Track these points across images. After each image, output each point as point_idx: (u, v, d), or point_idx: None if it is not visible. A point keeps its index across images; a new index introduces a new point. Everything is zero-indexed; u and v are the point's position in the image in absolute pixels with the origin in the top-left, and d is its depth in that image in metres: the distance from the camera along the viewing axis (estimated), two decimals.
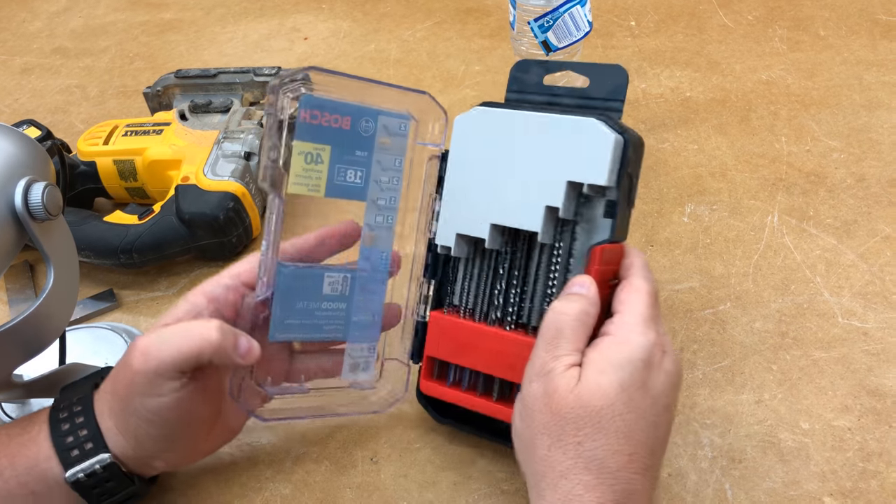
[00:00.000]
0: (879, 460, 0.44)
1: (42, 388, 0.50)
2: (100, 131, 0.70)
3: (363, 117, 0.45)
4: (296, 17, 1.01)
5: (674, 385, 0.39)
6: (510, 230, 0.45)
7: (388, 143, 0.46)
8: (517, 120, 0.44)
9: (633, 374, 0.37)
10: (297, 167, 0.43)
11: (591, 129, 0.41)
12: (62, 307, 0.46)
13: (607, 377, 0.36)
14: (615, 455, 0.36)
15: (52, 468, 0.42)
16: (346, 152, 0.44)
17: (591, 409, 0.36)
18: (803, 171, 0.65)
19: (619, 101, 0.45)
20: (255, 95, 0.73)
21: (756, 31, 0.84)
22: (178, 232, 0.62)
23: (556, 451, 0.36)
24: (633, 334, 0.38)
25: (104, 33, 1.05)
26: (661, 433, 0.38)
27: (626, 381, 0.36)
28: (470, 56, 0.88)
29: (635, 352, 0.37)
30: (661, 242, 0.60)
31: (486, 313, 0.46)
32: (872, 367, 0.49)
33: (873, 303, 0.53)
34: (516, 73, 0.49)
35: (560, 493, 0.36)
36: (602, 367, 0.37)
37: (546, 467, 0.37)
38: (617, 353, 0.37)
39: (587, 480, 0.35)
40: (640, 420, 0.36)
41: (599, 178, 0.41)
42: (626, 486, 0.36)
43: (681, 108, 0.74)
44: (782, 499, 0.43)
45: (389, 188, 0.46)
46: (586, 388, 0.36)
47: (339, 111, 0.43)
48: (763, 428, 0.47)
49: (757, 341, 0.52)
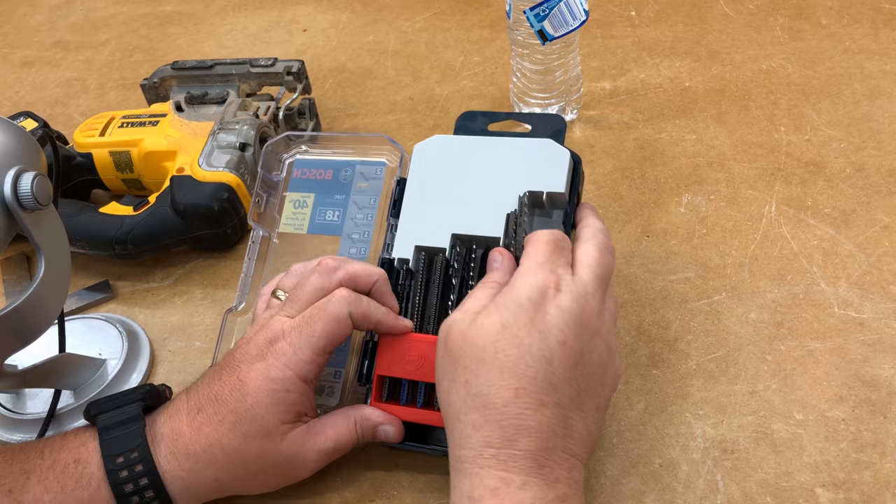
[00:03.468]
0: (873, 451, 0.44)
1: (36, 378, 0.50)
2: (96, 123, 0.70)
3: (343, 168, 0.54)
4: (295, 8, 1.01)
5: (569, 321, 0.38)
6: (464, 245, 0.46)
7: (366, 186, 0.54)
8: (475, 144, 0.49)
9: (517, 312, 0.37)
10: (287, 211, 0.54)
11: (547, 146, 0.47)
12: (53, 297, 0.46)
13: (491, 317, 0.37)
14: (500, 390, 0.36)
15: None
16: (328, 196, 0.54)
17: (476, 347, 0.37)
18: (802, 160, 0.64)
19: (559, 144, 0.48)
20: (251, 87, 0.73)
21: (757, 20, 0.83)
22: (173, 223, 0.62)
23: (452, 393, 0.37)
24: (520, 276, 0.39)
25: (104, 26, 1.05)
26: (561, 370, 0.37)
27: (508, 320, 0.37)
28: (468, 47, 0.87)
29: (520, 291, 0.38)
30: (657, 233, 0.60)
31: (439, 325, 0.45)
32: (868, 358, 0.49)
33: (870, 293, 0.53)
34: (462, 122, 0.52)
35: (455, 435, 0.37)
36: (489, 310, 0.38)
37: (447, 413, 0.38)
38: (504, 295, 0.38)
39: (474, 419, 0.36)
40: (524, 355, 0.36)
41: (558, 186, 0.45)
42: (515, 420, 0.35)
43: (680, 98, 0.74)
44: (774, 490, 0.43)
45: (364, 223, 0.53)
46: (473, 328, 0.38)
47: (323, 166, 0.54)
48: (756, 419, 0.47)
49: (752, 332, 0.52)
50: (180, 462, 0.42)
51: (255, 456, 0.42)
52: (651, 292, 0.55)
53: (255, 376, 0.42)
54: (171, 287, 0.63)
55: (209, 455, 0.42)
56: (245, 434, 0.41)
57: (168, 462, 0.42)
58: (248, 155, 0.65)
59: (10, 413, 0.53)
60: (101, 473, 0.41)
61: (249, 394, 0.42)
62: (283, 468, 0.43)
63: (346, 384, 0.50)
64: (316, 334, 0.42)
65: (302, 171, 0.55)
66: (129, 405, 0.43)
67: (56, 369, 0.51)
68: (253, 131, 0.66)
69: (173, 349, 0.58)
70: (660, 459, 0.45)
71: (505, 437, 0.35)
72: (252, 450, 0.42)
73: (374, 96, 0.82)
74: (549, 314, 0.38)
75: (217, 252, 0.65)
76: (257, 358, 0.42)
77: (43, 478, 0.41)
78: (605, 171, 0.67)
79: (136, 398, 0.44)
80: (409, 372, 0.45)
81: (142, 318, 0.61)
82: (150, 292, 0.63)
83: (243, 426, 0.41)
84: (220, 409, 0.42)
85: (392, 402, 0.46)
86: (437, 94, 0.80)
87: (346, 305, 0.43)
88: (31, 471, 0.41)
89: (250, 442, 0.41)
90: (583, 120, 0.73)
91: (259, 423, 0.41)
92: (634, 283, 0.56)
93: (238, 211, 0.63)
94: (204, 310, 0.60)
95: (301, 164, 0.55)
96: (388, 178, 0.54)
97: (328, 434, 0.44)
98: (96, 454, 0.42)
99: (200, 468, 0.42)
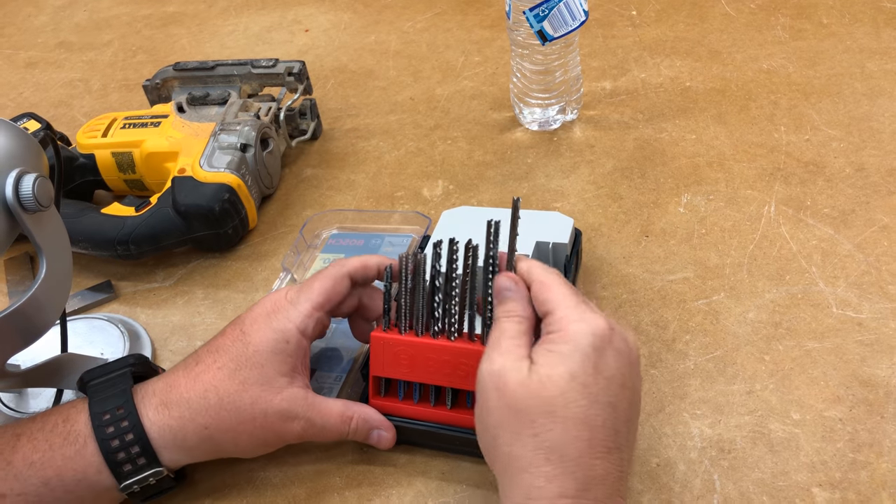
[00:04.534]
0: (870, 451, 0.44)
1: (38, 378, 0.51)
2: (98, 124, 0.70)
3: (373, 239, 0.63)
4: (297, 9, 1.01)
5: (628, 362, 0.38)
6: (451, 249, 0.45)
7: (391, 250, 0.61)
8: (495, 212, 0.54)
9: (582, 361, 0.37)
10: (316, 264, 0.62)
11: (555, 216, 0.56)
12: (55, 297, 0.46)
13: (556, 369, 0.37)
14: (574, 442, 0.36)
15: (103, 480, 0.43)
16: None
17: (544, 399, 0.36)
18: (802, 160, 0.64)
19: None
20: (252, 87, 0.74)
21: (758, 20, 0.83)
22: (175, 223, 0.62)
23: (516, 446, 0.36)
24: (573, 324, 0.38)
25: (108, 27, 1.05)
26: (622, 412, 0.37)
27: (575, 370, 0.36)
28: (469, 47, 0.87)
29: (580, 339, 0.37)
30: (656, 233, 0.60)
31: (426, 326, 0.45)
32: (866, 358, 0.49)
33: (868, 293, 0.53)
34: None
35: (522, 487, 0.36)
36: (551, 361, 0.37)
37: (508, 464, 0.37)
38: (563, 346, 0.37)
39: (548, 471, 0.35)
40: (594, 404, 0.36)
41: (563, 238, 0.54)
42: (588, 472, 0.35)
43: (680, 98, 0.74)
44: (771, 489, 0.43)
45: None
46: (537, 380, 0.37)
47: (355, 238, 0.63)
48: (753, 418, 0.47)
49: (750, 332, 0.52)
50: (171, 410, 0.43)
51: (248, 403, 0.43)
52: (650, 292, 0.55)
53: (258, 328, 0.44)
54: (173, 287, 0.63)
55: (203, 400, 0.43)
56: (243, 381, 0.43)
57: (158, 413, 0.43)
58: (249, 156, 0.65)
59: (13, 412, 0.53)
60: (87, 430, 0.43)
61: (251, 343, 0.44)
62: (270, 422, 0.44)
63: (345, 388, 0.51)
64: (314, 290, 0.45)
65: (336, 240, 0.63)
66: (118, 370, 0.46)
67: (58, 369, 0.52)
68: (254, 132, 0.66)
69: (174, 349, 0.58)
70: (657, 459, 0.45)
71: (579, 487, 0.35)
72: (247, 396, 0.43)
73: (375, 96, 0.82)
74: (610, 359, 0.37)
75: (218, 252, 0.65)
76: (261, 315, 0.45)
77: (32, 438, 0.43)
78: (605, 170, 0.67)
79: (125, 364, 0.46)
80: (402, 373, 0.46)
81: (143, 318, 0.61)
82: (151, 292, 0.63)
83: (242, 373, 0.43)
84: (219, 357, 0.44)
85: (390, 397, 0.47)
86: (438, 95, 0.80)
87: (344, 268, 0.46)
88: (22, 433, 0.43)
89: (247, 389, 0.43)
90: (583, 120, 0.73)
91: (259, 371, 0.43)
92: (633, 283, 0.56)
93: (239, 212, 0.64)
94: (205, 310, 0.61)
95: (335, 236, 0.64)
96: (414, 245, 0.61)
97: (323, 411, 0.45)
98: (84, 413, 0.43)
99: (192, 415, 0.43)
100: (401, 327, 0.46)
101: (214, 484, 0.48)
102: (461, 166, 0.70)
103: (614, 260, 0.58)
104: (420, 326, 0.45)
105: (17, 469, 0.42)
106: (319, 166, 0.74)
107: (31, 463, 0.42)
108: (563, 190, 0.66)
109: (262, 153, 0.68)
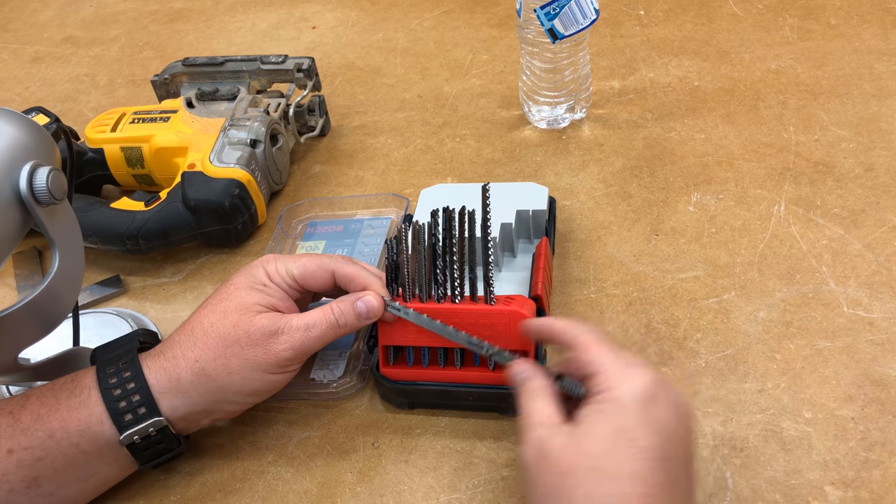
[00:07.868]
0: (882, 450, 0.44)
1: (48, 371, 0.51)
2: (107, 119, 0.70)
3: (352, 224, 0.65)
4: (304, 6, 1.01)
5: (681, 415, 0.38)
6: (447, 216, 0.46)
7: (372, 232, 0.64)
8: (471, 188, 0.57)
9: (628, 417, 0.36)
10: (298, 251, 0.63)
11: (531, 186, 0.60)
12: (67, 291, 0.46)
13: (602, 427, 0.36)
14: (626, 498, 0.34)
15: (105, 431, 0.44)
16: (337, 242, 0.64)
17: (593, 458, 0.35)
18: (811, 160, 0.64)
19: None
20: (261, 83, 0.74)
21: (766, 20, 0.83)
22: (184, 218, 0.62)
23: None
24: (618, 381, 0.38)
25: (114, 22, 1.05)
26: (677, 466, 0.36)
27: (622, 425, 0.36)
28: (477, 45, 0.87)
29: (625, 397, 0.37)
30: (666, 231, 0.60)
31: (428, 293, 0.47)
32: (877, 357, 0.49)
33: (879, 292, 0.53)
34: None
35: None
36: (596, 420, 0.37)
37: None
38: (608, 404, 0.37)
39: None
40: (649, 460, 0.35)
41: (541, 205, 0.58)
42: None
43: (688, 98, 0.74)
44: (783, 487, 0.43)
45: (371, 255, 0.62)
46: (585, 440, 0.36)
47: (333, 224, 0.65)
48: (765, 417, 0.47)
49: (761, 330, 0.52)
50: (165, 354, 0.46)
51: (230, 327, 0.45)
52: (660, 291, 0.55)
53: (238, 274, 0.48)
54: (182, 282, 0.63)
55: (190, 336, 0.46)
56: (224, 311, 0.46)
57: (154, 360, 0.45)
58: (258, 151, 0.65)
59: None
60: (92, 383, 0.45)
61: (231, 284, 0.47)
62: (255, 340, 0.45)
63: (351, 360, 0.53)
64: (293, 262, 0.48)
65: (314, 228, 0.65)
66: (127, 341, 0.48)
67: (68, 363, 0.52)
68: (263, 128, 0.66)
69: None
70: None
71: None
72: (228, 322, 0.45)
73: (383, 94, 0.82)
74: (663, 413, 0.37)
75: (227, 248, 0.65)
76: (244, 267, 0.49)
77: (41, 395, 0.45)
78: (615, 169, 0.67)
79: (133, 335, 0.49)
80: (410, 340, 0.48)
81: (152, 313, 0.61)
82: (160, 287, 0.63)
83: (222, 305, 0.46)
84: (206, 303, 0.47)
85: (399, 365, 0.49)
86: (446, 92, 0.80)
87: (330, 260, 0.48)
88: (32, 393, 0.45)
89: (227, 316, 0.46)
90: (592, 119, 0.73)
91: (236, 300, 0.46)
92: (644, 282, 0.56)
93: (248, 207, 0.64)
94: None
95: (312, 224, 0.65)
96: (394, 227, 0.63)
97: (303, 314, 0.46)
98: (91, 372, 0.46)
99: (182, 351, 0.45)
100: (405, 296, 0.48)
101: (225, 479, 0.48)
102: (470, 164, 0.70)
103: (625, 258, 0.58)
104: (424, 293, 0.47)
105: (25, 424, 0.43)
106: (328, 163, 0.74)
107: (38, 416, 0.43)
108: (572, 188, 0.66)
109: (272, 149, 0.68)
